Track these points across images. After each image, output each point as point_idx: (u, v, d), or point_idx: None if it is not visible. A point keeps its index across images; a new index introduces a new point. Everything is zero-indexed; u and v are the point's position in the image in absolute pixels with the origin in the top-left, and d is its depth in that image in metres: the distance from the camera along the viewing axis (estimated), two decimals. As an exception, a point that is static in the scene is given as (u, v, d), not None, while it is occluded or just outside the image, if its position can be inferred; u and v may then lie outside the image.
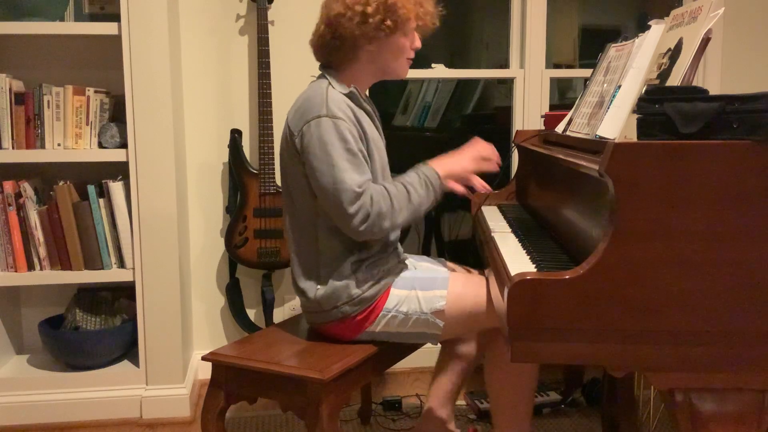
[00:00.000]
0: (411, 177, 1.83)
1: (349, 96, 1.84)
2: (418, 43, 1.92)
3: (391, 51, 1.87)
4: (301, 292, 1.90)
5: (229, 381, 1.83)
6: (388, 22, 1.80)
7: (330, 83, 1.84)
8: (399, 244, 2.02)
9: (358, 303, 1.83)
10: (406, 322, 1.84)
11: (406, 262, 2.04)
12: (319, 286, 1.85)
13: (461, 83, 3.86)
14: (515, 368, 1.86)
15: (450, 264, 2.18)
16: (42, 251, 2.47)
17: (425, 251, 3.57)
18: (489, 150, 1.92)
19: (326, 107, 1.76)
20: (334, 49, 1.86)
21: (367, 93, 2.07)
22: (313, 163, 1.75)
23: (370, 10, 1.78)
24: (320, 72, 1.93)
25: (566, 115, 2.07)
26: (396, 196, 1.77)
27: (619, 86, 1.66)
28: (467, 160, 1.88)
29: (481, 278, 1.89)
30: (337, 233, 1.82)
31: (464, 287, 1.85)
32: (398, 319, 1.84)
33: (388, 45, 1.86)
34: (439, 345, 2.03)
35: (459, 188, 1.87)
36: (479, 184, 1.89)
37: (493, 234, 1.90)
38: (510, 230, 1.92)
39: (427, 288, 1.85)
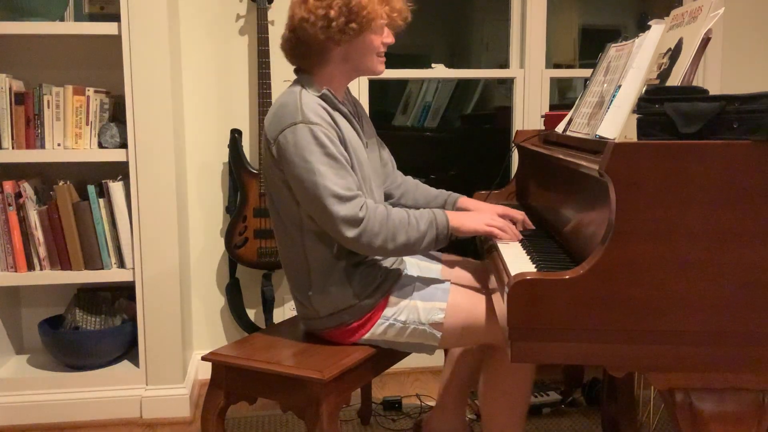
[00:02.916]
0: (420, 212, 1.77)
1: (323, 98, 1.78)
2: (389, 39, 1.86)
3: (361, 50, 1.81)
4: (297, 300, 1.90)
5: (229, 381, 1.83)
6: (353, 25, 1.75)
7: (303, 87, 1.79)
8: None
9: (356, 312, 1.81)
10: (403, 331, 1.82)
11: (404, 260, 2.03)
12: (311, 293, 1.82)
13: (461, 83, 3.85)
14: (509, 390, 1.83)
15: (446, 256, 2.18)
16: (42, 251, 2.47)
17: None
18: (507, 223, 1.81)
19: (301, 113, 1.71)
20: (302, 55, 1.83)
21: (351, 94, 2.01)
22: (293, 171, 1.71)
23: (332, 13, 1.73)
24: (295, 77, 1.88)
25: (566, 115, 2.06)
26: (394, 219, 1.72)
27: (619, 86, 1.66)
28: (481, 223, 1.80)
29: (480, 292, 1.84)
30: (323, 239, 1.79)
31: (464, 301, 1.81)
32: (396, 328, 1.81)
33: (357, 45, 1.80)
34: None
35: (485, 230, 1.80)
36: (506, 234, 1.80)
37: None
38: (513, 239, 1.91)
39: (426, 299, 1.81)
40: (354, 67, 1.85)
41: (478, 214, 1.85)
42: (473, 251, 2.25)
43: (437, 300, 1.81)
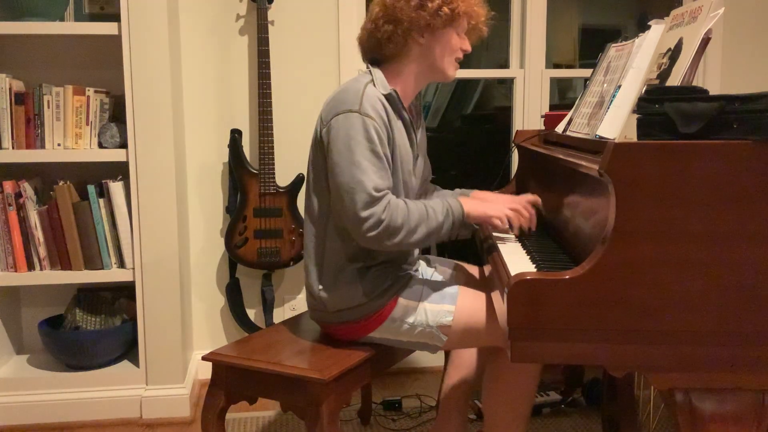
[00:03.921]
0: (435, 202, 1.78)
1: (387, 98, 1.78)
2: (468, 46, 1.89)
3: (441, 46, 1.83)
4: (308, 290, 1.90)
5: (229, 381, 1.83)
6: (446, 10, 1.78)
7: (372, 80, 1.80)
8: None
9: (364, 310, 1.82)
10: (410, 332, 1.82)
11: (418, 263, 2.02)
12: (321, 287, 1.84)
13: (461, 83, 3.86)
14: (513, 390, 1.83)
15: (452, 261, 2.18)
16: (42, 251, 2.47)
17: (425, 250, 3.57)
18: (522, 209, 1.83)
19: (360, 103, 1.71)
20: (386, 38, 1.81)
21: (419, 102, 2.02)
22: (335, 157, 1.71)
23: None
24: (367, 68, 1.87)
25: (566, 115, 2.06)
26: (414, 214, 1.72)
27: (619, 86, 1.66)
28: (494, 209, 1.81)
29: (487, 298, 1.84)
30: (343, 236, 1.80)
31: (472, 305, 1.81)
32: (403, 329, 1.82)
33: (440, 38, 1.82)
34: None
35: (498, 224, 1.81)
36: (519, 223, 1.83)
37: (493, 233, 1.90)
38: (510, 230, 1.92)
39: (435, 301, 1.81)
40: (430, 67, 1.86)
41: (490, 203, 1.86)
42: (474, 253, 2.25)
43: (446, 303, 1.81)
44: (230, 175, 2.71)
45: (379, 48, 1.85)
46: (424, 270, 2.06)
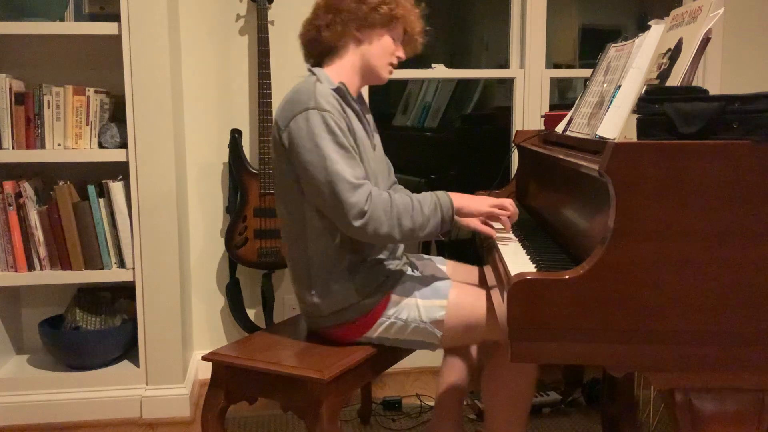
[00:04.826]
0: (423, 195, 1.78)
1: (337, 92, 1.81)
2: (402, 54, 1.94)
3: (378, 45, 1.88)
4: (299, 297, 1.90)
5: (229, 381, 1.83)
6: (384, 8, 1.83)
7: (318, 79, 1.82)
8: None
9: (358, 310, 1.82)
10: (404, 329, 1.82)
11: (407, 259, 2.03)
12: (314, 291, 1.83)
13: (461, 83, 3.86)
14: (513, 386, 1.83)
15: (449, 262, 2.18)
16: (42, 251, 2.47)
17: (425, 250, 3.56)
18: (509, 207, 1.84)
19: (314, 100, 1.73)
20: (324, 25, 1.86)
21: (363, 95, 2.05)
22: (305, 156, 1.72)
23: None
24: (308, 72, 1.90)
25: (566, 115, 2.07)
26: (398, 205, 1.72)
27: (619, 86, 1.66)
28: (484, 205, 1.81)
29: (481, 290, 1.85)
30: (325, 236, 1.79)
31: (465, 299, 1.82)
32: (397, 326, 1.82)
33: (376, 36, 1.87)
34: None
35: (480, 227, 1.82)
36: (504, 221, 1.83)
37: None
38: (510, 230, 1.92)
39: (427, 297, 1.82)
40: (366, 66, 1.89)
41: (479, 198, 1.86)
42: (473, 253, 2.25)
43: (438, 298, 1.82)
44: (230, 175, 2.72)
45: (317, 36, 1.88)
46: (416, 266, 2.07)
